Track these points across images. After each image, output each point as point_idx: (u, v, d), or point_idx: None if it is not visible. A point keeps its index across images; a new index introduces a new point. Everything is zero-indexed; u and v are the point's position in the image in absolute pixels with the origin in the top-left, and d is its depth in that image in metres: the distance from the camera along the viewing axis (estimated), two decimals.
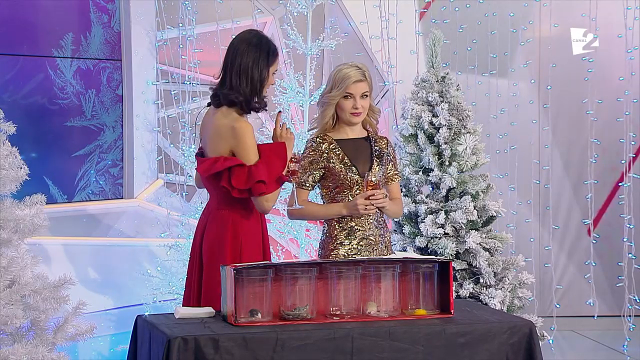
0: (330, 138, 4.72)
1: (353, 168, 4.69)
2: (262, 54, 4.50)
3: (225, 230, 4.50)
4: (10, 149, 4.22)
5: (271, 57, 4.52)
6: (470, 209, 5.88)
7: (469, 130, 6.04)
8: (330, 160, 4.69)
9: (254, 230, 4.54)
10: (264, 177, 4.40)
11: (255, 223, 4.56)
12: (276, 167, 4.46)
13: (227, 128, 4.47)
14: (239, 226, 4.51)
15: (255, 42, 4.51)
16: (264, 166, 4.43)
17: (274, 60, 4.54)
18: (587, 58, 7.70)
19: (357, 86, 4.68)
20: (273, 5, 7.13)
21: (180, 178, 6.70)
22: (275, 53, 4.55)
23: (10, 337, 4.10)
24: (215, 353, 3.80)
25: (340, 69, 4.72)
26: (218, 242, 4.52)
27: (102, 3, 6.68)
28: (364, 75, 4.71)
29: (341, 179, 4.68)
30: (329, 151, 4.70)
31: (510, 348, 4.08)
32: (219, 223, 4.53)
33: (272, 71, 4.54)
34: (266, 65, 4.50)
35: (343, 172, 4.67)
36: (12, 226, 4.15)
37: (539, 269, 7.67)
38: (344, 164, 4.68)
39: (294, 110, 6.63)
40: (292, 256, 6.64)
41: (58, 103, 6.47)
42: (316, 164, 4.69)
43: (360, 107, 4.68)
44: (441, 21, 7.41)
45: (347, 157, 4.70)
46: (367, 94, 4.71)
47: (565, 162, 8.06)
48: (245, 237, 4.51)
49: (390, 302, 4.21)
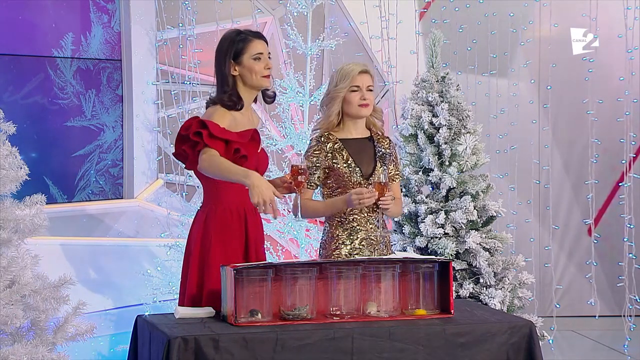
0: (334, 137, 4.71)
1: (357, 169, 4.68)
2: (221, 53, 4.53)
3: (198, 228, 4.53)
4: (10, 149, 4.21)
5: (231, 48, 4.51)
6: (470, 209, 5.88)
7: (469, 130, 6.04)
8: (335, 160, 4.67)
9: (230, 229, 4.49)
10: (210, 126, 4.34)
11: (233, 221, 4.51)
12: (230, 135, 4.40)
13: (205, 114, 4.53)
14: (211, 223, 4.49)
15: (218, 46, 4.57)
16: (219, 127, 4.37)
17: (242, 48, 4.50)
18: (587, 58, 7.70)
19: (362, 77, 4.68)
20: (273, 5, 7.14)
21: (180, 178, 6.70)
22: (236, 41, 4.51)
23: (10, 337, 4.10)
24: (215, 353, 3.80)
25: (342, 67, 4.74)
26: (190, 239, 4.57)
27: (102, 3, 6.69)
28: (368, 68, 4.74)
29: (344, 180, 4.67)
30: (333, 151, 4.68)
31: (510, 348, 4.08)
32: (195, 220, 4.58)
33: (250, 56, 4.50)
34: (225, 59, 4.50)
35: (347, 173, 4.66)
36: (12, 226, 4.14)
37: (539, 269, 7.67)
38: (348, 165, 4.67)
39: (294, 110, 6.63)
40: (292, 256, 6.64)
41: (58, 103, 6.47)
42: (321, 164, 4.66)
43: (367, 98, 4.68)
44: (441, 21, 7.42)
45: (351, 158, 4.68)
46: (372, 88, 4.71)
47: (565, 162, 8.06)
48: (216, 235, 4.47)
49: (390, 302, 4.21)
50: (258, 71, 4.51)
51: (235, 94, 4.51)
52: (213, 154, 4.32)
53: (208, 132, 4.33)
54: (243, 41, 4.52)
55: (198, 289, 4.45)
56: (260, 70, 4.51)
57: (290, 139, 6.49)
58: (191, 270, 4.50)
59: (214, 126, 4.35)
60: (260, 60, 4.51)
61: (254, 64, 4.51)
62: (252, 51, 4.51)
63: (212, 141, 4.34)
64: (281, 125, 6.51)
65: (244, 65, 4.51)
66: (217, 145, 4.35)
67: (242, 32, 4.56)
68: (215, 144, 4.34)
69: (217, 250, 4.45)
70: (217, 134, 4.34)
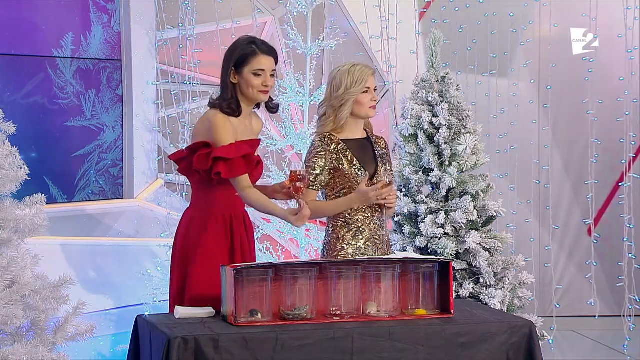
0: (337, 138, 4.69)
1: (362, 170, 4.67)
2: (226, 58, 4.55)
3: (181, 229, 4.59)
4: (10, 149, 4.21)
5: (234, 58, 4.51)
6: (470, 209, 5.88)
7: (469, 130, 6.04)
8: (340, 161, 4.66)
9: (213, 234, 4.49)
10: (222, 154, 4.37)
11: (218, 227, 4.51)
12: (243, 149, 4.44)
13: (204, 120, 4.54)
14: (194, 226, 4.52)
15: (229, 49, 4.58)
16: (229, 147, 4.41)
17: (246, 60, 4.50)
18: (587, 58, 7.70)
19: (373, 79, 4.73)
20: (273, 5, 7.14)
21: (180, 178, 6.70)
22: (243, 50, 4.51)
23: (10, 337, 4.10)
24: (215, 353, 3.80)
25: (349, 69, 4.70)
26: (175, 241, 4.62)
27: (102, 3, 6.69)
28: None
29: (350, 181, 4.65)
30: (337, 152, 4.67)
31: (510, 348, 4.09)
32: (181, 221, 4.63)
33: (250, 70, 4.50)
34: (228, 65, 4.52)
35: (352, 174, 4.65)
36: (12, 226, 4.14)
37: (539, 269, 7.67)
38: (353, 166, 4.67)
39: (294, 110, 6.63)
40: (292, 256, 6.64)
41: (58, 103, 6.47)
42: (325, 165, 4.65)
43: (376, 99, 4.75)
44: (441, 21, 7.41)
45: (355, 159, 4.68)
46: (376, 88, 4.78)
47: (565, 162, 8.06)
48: (199, 240, 4.49)
49: (390, 302, 4.21)
50: (255, 86, 4.51)
51: (235, 102, 4.52)
52: (253, 197, 4.43)
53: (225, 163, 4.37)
54: (250, 53, 4.51)
55: (179, 292, 4.48)
56: (257, 85, 4.50)
57: (290, 139, 6.49)
58: (173, 274, 4.54)
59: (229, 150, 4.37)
60: (259, 77, 4.51)
61: (252, 78, 4.50)
62: (254, 65, 4.50)
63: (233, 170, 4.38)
64: (281, 125, 6.51)
65: (243, 76, 4.51)
66: (240, 170, 4.40)
67: (254, 43, 4.54)
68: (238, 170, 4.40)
69: (199, 254, 4.47)
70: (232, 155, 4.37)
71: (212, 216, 4.50)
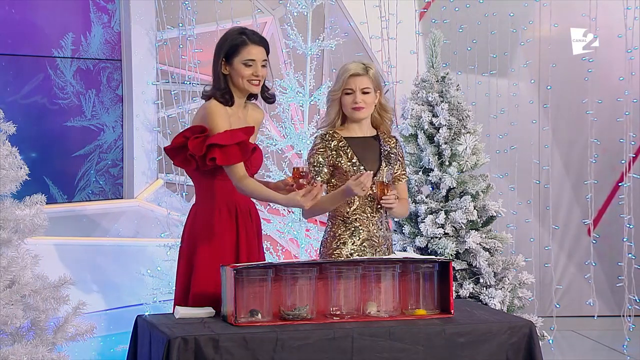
0: (339, 135, 4.67)
1: (361, 168, 4.63)
2: (217, 49, 4.54)
3: (187, 225, 4.57)
4: (10, 149, 4.21)
5: (225, 48, 4.50)
6: (470, 209, 5.88)
7: (469, 130, 6.04)
8: (339, 158, 4.64)
9: (218, 228, 4.48)
10: (217, 140, 4.35)
11: (223, 220, 4.50)
12: (238, 136, 4.42)
13: (199, 110, 4.53)
14: (199, 222, 4.51)
15: (219, 40, 4.56)
16: (224, 134, 4.39)
17: (236, 50, 4.48)
18: (587, 58, 7.70)
19: (355, 80, 4.60)
20: (273, 5, 7.14)
21: (180, 178, 6.70)
22: (233, 40, 4.50)
23: (10, 337, 4.10)
24: (215, 353, 3.80)
25: (341, 66, 4.72)
26: (182, 238, 4.60)
27: (102, 3, 6.69)
28: (365, 70, 4.63)
29: (348, 178, 4.60)
30: (337, 149, 4.64)
31: (510, 348, 4.09)
32: (187, 218, 4.61)
33: (240, 60, 4.48)
34: (219, 55, 4.50)
35: (351, 172, 4.62)
36: (12, 226, 4.15)
37: (539, 269, 7.67)
38: (352, 164, 4.64)
39: (293, 110, 6.63)
40: (292, 256, 6.64)
41: (58, 103, 6.48)
42: (326, 162, 4.64)
43: (361, 101, 4.60)
44: (441, 21, 7.41)
45: (355, 157, 4.65)
46: (368, 90, 4.61)
47: (565, 162, 8.06)
48: (204, 234, 4.48)
49: (390, 302, 4.21)
50: (245, 76, 4.48)
51: (228, 92, 4.51)
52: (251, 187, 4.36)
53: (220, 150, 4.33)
54: (239, 43, 4.49)
55: (185, 288, 4.47)
56: (247, 75, 4.48)
57: (290, 139, 6.49)
58: (179, 270, 4.53)
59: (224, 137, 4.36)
60: (250, 67, 4.49)
61: (242, 68, 4.48)
62: (244, 55, 4.48)
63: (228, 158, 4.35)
64: (281, 125, 6.51)
65: (233, 67, 4.50)
66: (235, 158, 4.36)
67: (244, 33, 4.52)
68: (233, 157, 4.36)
69: (204, 250, 4.46)
70: (227, 142, 4.34)
71: (215, 209, 4.48)
